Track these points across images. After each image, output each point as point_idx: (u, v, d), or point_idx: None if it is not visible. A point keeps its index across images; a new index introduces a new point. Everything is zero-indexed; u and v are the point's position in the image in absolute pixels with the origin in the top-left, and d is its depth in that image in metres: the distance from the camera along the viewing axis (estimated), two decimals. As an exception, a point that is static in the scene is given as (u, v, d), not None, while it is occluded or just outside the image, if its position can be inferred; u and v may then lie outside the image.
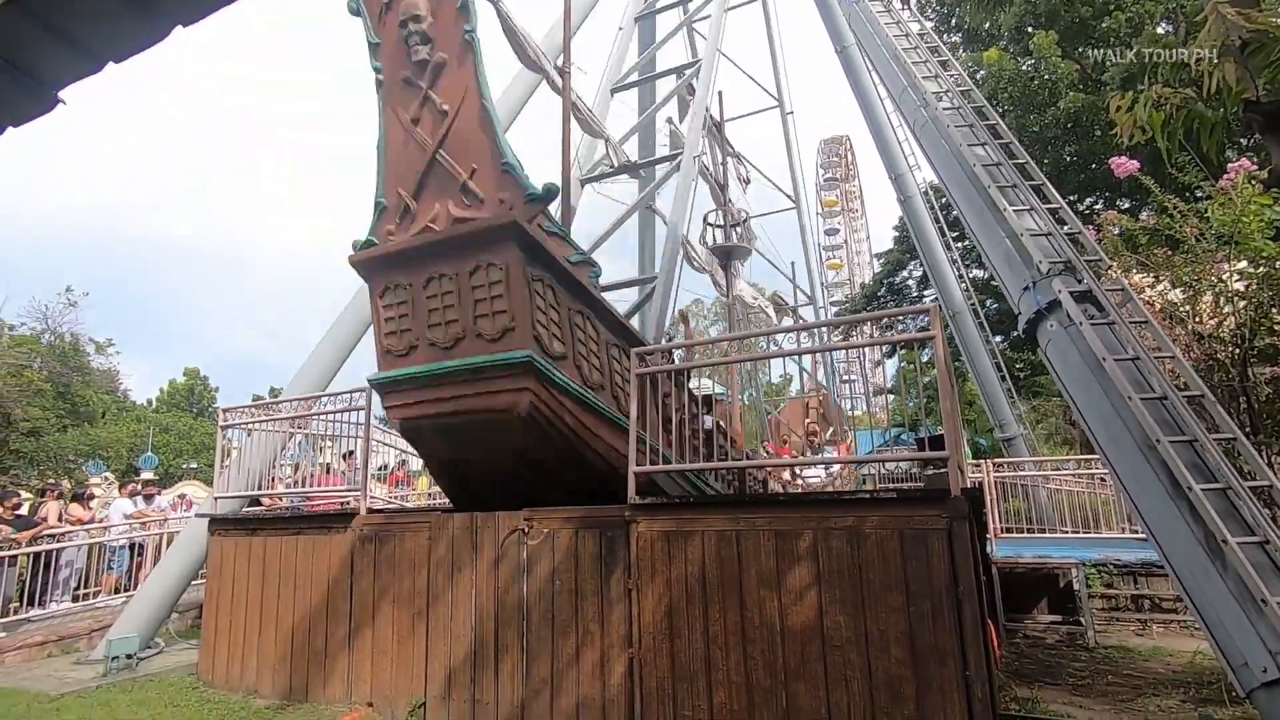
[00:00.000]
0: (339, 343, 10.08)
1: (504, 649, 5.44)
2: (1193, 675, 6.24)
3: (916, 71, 7.70)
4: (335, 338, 10.09)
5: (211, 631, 7.13)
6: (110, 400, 44.16)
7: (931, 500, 4.44)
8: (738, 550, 4.82)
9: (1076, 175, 18.39)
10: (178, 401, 57.68)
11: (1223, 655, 3.94)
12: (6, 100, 1.92)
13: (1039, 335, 5.55)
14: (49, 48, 1.79)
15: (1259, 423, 5.72)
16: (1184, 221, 6.21)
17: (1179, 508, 4.21)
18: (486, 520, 5.75)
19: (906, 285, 29.06)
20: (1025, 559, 8.84)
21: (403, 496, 13.60)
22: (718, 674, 4.72)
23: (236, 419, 8.02)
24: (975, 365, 16.83)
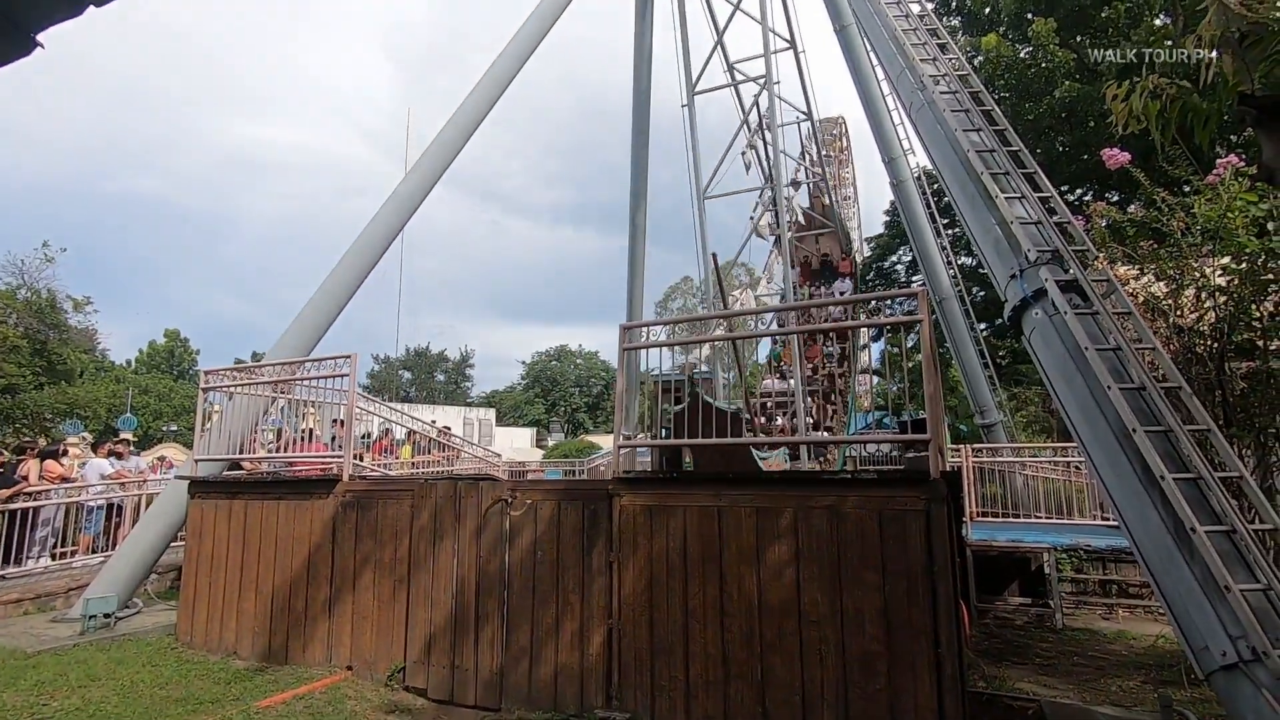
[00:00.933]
0: (324, 308, 9.98)
1: (484, 617, 5.49)
2: (1154, 658, 6.44)
3: (915, 54, 7.65)
4: (320, 303, 9.98)
5: (191, 593, 7.13)
6: (88, 359, 43.55)
7: (911, 482, 4.51)
8: (719, 526, 4.88)
9: (1068, 165, 18.45)
10: (158, 363, 57.03)
11: (1185, 639, 4.06)
12: (-17, 43, 1.85)
13: (1023, 323, 5.60)
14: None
15: (1232, 416, 5.83)
16: (1171, 215, 6.25)
17: (1151, 496, 4.31)
18: (470, 489, 5.76)
19: (895, 270, 29.19)
20: (999, 543, 9.02)
21: (386, 465, 13.59)
22: (695, 646, 4.80)
23: (218, 381, 7.94)
24: (959, 351, 17.00)
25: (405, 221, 11.24)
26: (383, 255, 10.83)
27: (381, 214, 10.88)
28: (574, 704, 5.03)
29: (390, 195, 11.11)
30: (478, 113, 12.17)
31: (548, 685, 5.16)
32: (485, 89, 12.30)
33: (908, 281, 27.87)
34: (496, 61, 12.60)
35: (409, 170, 11.55)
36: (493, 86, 12.40)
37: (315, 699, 5.34)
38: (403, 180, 11.39)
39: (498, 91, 12.49)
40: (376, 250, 10.70)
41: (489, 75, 12.41)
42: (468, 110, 12.04)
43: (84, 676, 5.85)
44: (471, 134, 12.09)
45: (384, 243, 10.83)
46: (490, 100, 12.38)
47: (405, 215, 11.20)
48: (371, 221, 10.78)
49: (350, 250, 10.48)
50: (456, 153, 11.85)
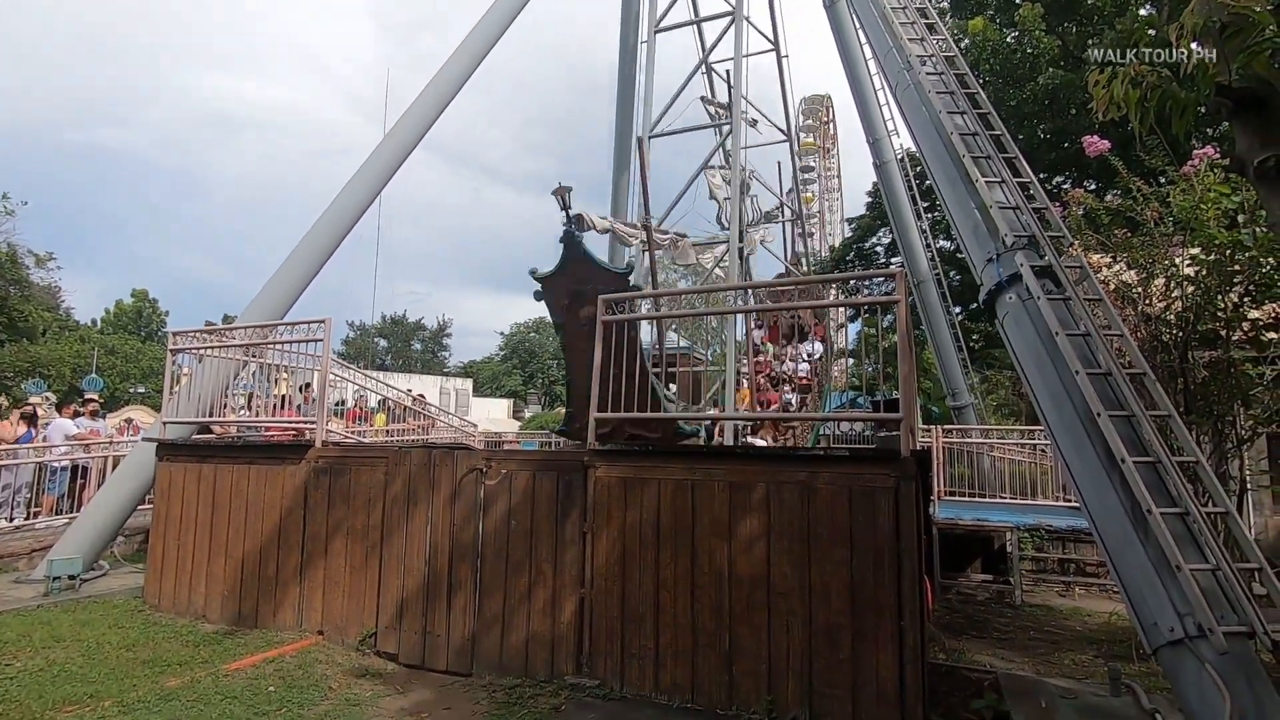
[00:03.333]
0: (298, 272, 9.80)
1: (457, 584, 5.52)
2: (1107, 634, 6.69)
3: (903, 33, 7.61)
4: (294, 267, 9.79)
5: (159, 556, 7.06)
6: (51, 318, 42.34)
7: (882, 459, 4.59)
8: (692, 499, 4.93)
9: (1049, 153, 18.59)
10: (125, 324, 55.67)
11: (1135, 616, 4.22)
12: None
13: (998, 307, 5.68)
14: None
15: (1193, 403, 6.01)
16: (1146, 205, 6.35)
17: (1111, 478, 4.44)
18: (445, 457, 5.75)
19: (875, 252, 29.35)
20: (965, 521, 9.25)
21: (360, 432, 13.49)
22: (665, 616, 4.87)
23: (187, 343, 7.78)
24: (934, 334, 17.24)
25: (383, 185, 11.02)
26: (359, 219, 10.63)
27: (358, 177, 10.65)
28: (544, 670, 5.10)
29: (367, 159, 10.87)
30: (458, 77, 11.90)
31: (519, 652, 5.22)
32: (467, 52, 12.02)
33: (887, 263, 28.07)
34: (479, 25, 12.29)
35: (387, 133, 11.29)
36: (475, 50, 12.11)
37: (285, 662, 5.35)
38: (380, 143, 11.13)
39: (480, 55, 12.20)
40: (353, 214, 10.49)
41: (471, 38, 12.12)
42: (448, 74, 11.76)
43: (48, 638, 5.79)
44: (451, 99, 11.82)
45: (361, 207, 10.62)
46: (471, 64, 12.09)
47: (383, 179, 10.97)
48: (348, 185, 10.55)
49: (326, 213, 10.26)
50: (436, 117, 11.59)
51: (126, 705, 4.46)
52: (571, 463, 5.36)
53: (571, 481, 5.32)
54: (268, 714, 4.41)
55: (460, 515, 5.60)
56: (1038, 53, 17.12)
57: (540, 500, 5.38)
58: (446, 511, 5.65)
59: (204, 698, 4.60)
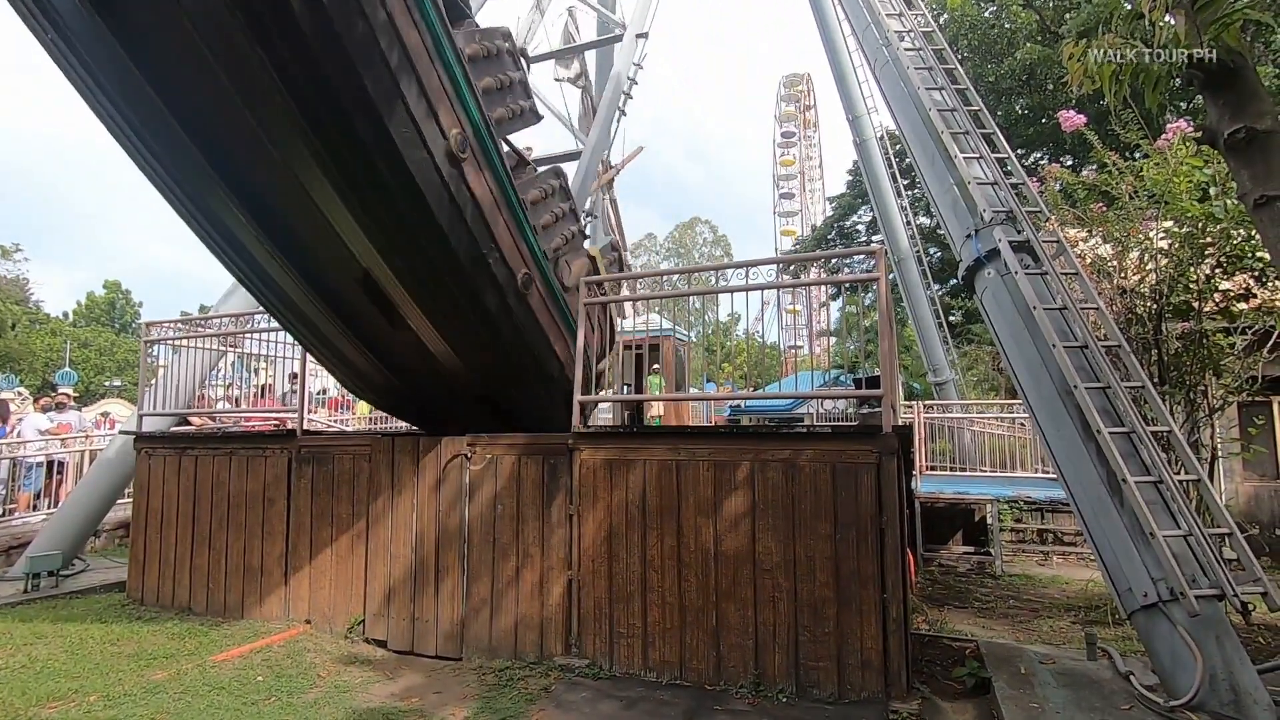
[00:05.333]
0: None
1: (444, 570, 5.52)
2: (1084, 601, 6.85)
3: (881, 9, 7.58)
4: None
5: (140, 549, 6.99)
6: (20, 311, 41.41)
7: (864, 436, 4.63)
8: (677, 479, 4.96)
9: (1026, 128, 18.70)
10: (97, 315, 54.56)
11: (1111, 582, 4.33)
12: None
13: (976, 282, 5.74)
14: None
15: (1166, 374, 6.13)
16: (1121, 179, 6.42)
17: (1088, 449, 4.53)
18: (428, 444, 5.72)
19: (856, 230, 29.46)
20: (946, 495, 9.40)
21: (343, 420, 13.40)
22: (653, 595, 4.92)
23: (162, 334, 7.65)
24: (915, 311, 17.38)
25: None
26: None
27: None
28: (534, 652, 5.14)
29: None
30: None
31: (508, 635, 5.25)
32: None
33: (867, 240, 28.20)
34: None
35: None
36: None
37: (273, 652, 5.34)
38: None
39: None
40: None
41: None
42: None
43: (30, 634, 5.72)
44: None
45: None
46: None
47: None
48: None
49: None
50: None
51: (112, 699, 4.43)
52: (556, 446, 5.36)
53: (556, 464, 5.32)
54: (256, 703, 4.40)
55: (446, 501, 5.59)
56: (1015, 28, 17.16)
57: (525, 484, 5.38)
58: (432, 498, 5.64)
59: (191, 689, 4.58)
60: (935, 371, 17.21)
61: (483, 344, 5.32)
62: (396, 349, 5.27)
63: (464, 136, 4.38)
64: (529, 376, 5.88)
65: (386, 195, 4.12)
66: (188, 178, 4.18)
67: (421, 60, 3.98)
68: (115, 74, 3.48)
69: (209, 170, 3.95)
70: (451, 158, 4.30)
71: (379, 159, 3.94)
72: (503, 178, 4.88)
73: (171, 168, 4.13)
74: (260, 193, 4.12)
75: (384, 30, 3.68)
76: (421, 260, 4.60)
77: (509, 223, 5.02)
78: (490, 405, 5.92)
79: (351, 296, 4.81)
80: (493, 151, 4.73)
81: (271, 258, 4.53)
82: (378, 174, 4.01)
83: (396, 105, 3.87)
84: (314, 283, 4.73)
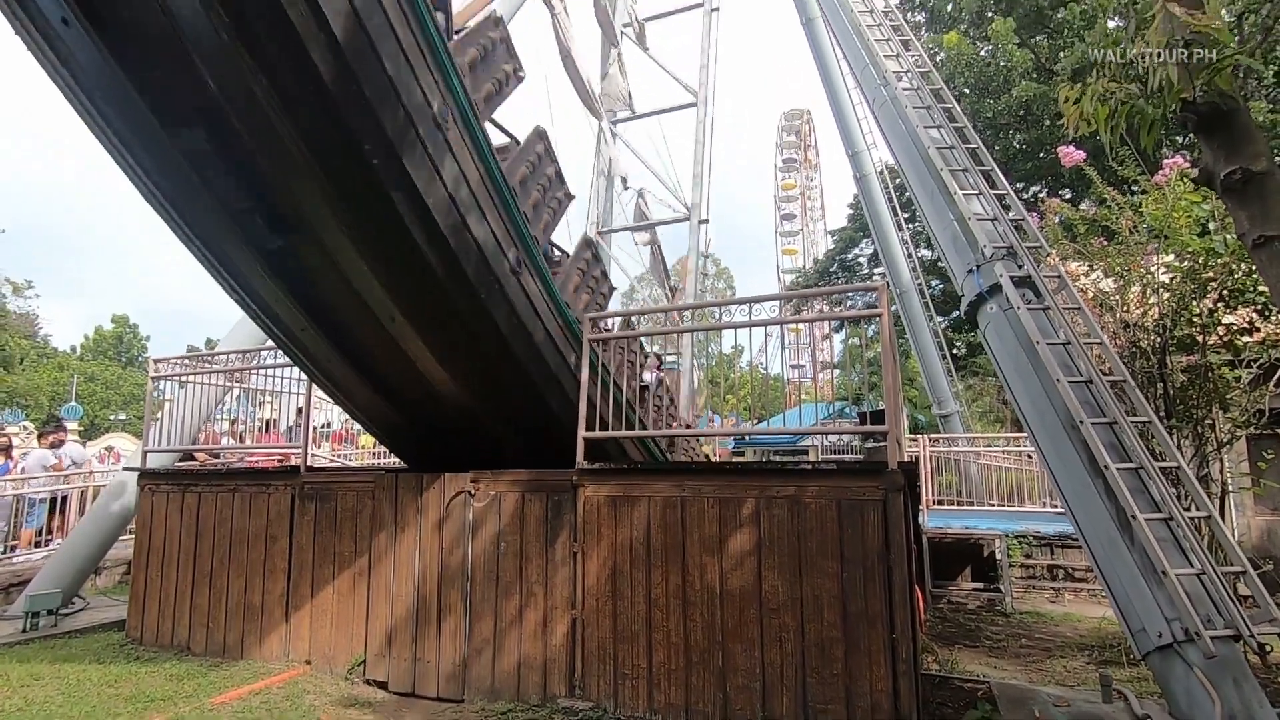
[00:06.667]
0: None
1: (447, 609, 5.45)
2: (1097, 639, 6.72)
3: (879, 50, 7.75)
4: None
5: (141, 588, 6.93)
6: (29, 345, 41.72)
7: (870, 472, 4.60)
8: (682, 516, 4.92)
9: (1024, 163, 18.93)
10: (105, 350, 54.90)
11: (1124, 621, 4.26)
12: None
13: (979, 317, 5.76)
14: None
15: (1172, 408, 6.10)
16: (1120, 214, 6.48)
17: (1095, 485, 4.49)
18: (431, 481, 5.70)
19: (858, 262, 29.65)
20: (953, 530, 9.29)
21: (346, 455, 13.38)
22: (658, 635, 4.84)
23: (169, 370, 7.70)
24: (918, 343, 17.38)
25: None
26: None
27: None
28: (537, 694, 5.04)
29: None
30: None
31: (511, 676, 5.16)
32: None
33: (869, 273, 28.37)
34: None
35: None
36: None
37: (272, 694, 5.25)
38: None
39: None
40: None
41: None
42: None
43: (26, 675, 5.65)
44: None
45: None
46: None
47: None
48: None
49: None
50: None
51: (108, 744, 4.35)
52: (560, 482, 5.33)
53: (560, 501, 5.29)
54: (254, 748, 4.31)
55: (448, 538, 5.55)
56: (1011, 66, 17.48)
57: (529, 521, 5.34)
58: (434, 535, 5.60)
59: (188, 733, 4.49)
60: (940, 404, 17.14)
61: (493, 381, 5.38)
62: (405, 386, 5.31)
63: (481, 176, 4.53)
64: (537, 411, 5.90)
65: (399, 233, 4.19)
66: (201, 220, 4.27)
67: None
68: (136, 124, 3.58)
69: (222, 213, 4.03)
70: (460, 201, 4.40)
71: (396, 196, 4.03)
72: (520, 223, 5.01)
73: (186, 211, 4.22)
74: (281, 245, 4.19)
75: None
76: (432, 301, 4.68)
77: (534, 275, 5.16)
78: (493, 440, 5.91)
79: (364, 338, 4.88)
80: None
81: (286, 303, 4.60)
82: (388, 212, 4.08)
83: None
84: (322, 321, 4.78)
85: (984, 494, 12.28)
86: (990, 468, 12.69)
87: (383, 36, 3.64)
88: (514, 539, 5.35)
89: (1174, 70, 2.40)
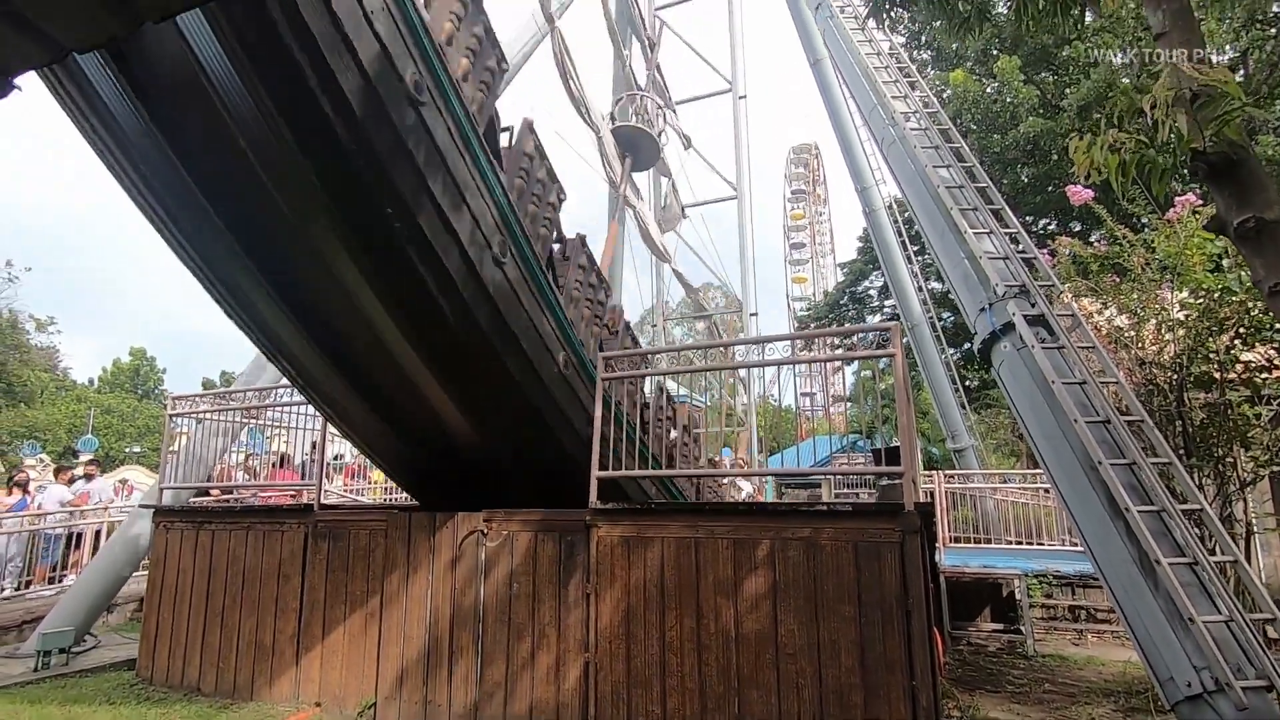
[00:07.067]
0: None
1: (458, 651, 5.40)
2: (1123, 685, 6.53)
3: (886, 90, 7.88)
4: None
5: (152, 626, 6.91)
6: (49, 379, 42.31)
7: (886, 514, 4.56)
8: (696, 557, 4.88)
9: (1033, 197, 18.99)
10: (122, 382, 55.53)
11: (1151, 669, 4.15)
12: (-40, 85, 1.85)
13: (993, 355, 5.74)
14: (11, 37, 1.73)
15: (1193, 447, 6.02)
16: (1132, 251, 6.48)
17: (1116, 526, 4.42)
18: (444, 520, 5.69)
19: (868, 295, 29.64)
20: (971, 569, 9.12)
21: (357, 490, 13.38)
22: (672, 679, 4.77)
23: (185, 408, 7.78)
24: (930, 376, 17.28)
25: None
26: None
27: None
28: (549, 740, 4.96)
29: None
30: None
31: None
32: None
33: (880, 305, 28.35)
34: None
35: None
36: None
37: (282, 738, 5.19)
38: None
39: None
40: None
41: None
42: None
43: (36, 717, 5.61)
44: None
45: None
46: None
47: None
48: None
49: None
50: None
51: (117, 790, 4.30)
52: (573, 522, 5.31)
53: (574, 541, 5.26)
54: (264, 795, 4.25)
55: (461, 579, 5.52)
56: (1017, 102, 17.67)
57: (542, 561, 5.31)
58: (447, 575, 5.57)
59: (198, 779, 4.44)
60: (954, 438, 16.95)
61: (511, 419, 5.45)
62: (417, 423, 5.37)
63: (505, 242, 4.66)
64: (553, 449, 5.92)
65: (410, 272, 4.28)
66: (218, 259, 4.38)
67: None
68: (162, 170, 3.70)
69: (240, 254, 4.15)
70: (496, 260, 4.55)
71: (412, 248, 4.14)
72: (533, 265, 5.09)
73: (202, 250, 4.34)
74: (294, 281, 4.30)
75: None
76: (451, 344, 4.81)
77: (543, 307, 5.22)
78: (503, 472, 5.93)
79: (382, 378, 4.98)
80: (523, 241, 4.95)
81: (301, 338, 4.69)
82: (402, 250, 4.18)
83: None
84: (340, 360, 4.87)
85: (1001, 530, 12.06)
86: (1007, 503, 12.50)
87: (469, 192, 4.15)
88: (526, 580, 5.31)
89: (1183, 121, 2.43)
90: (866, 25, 8.86)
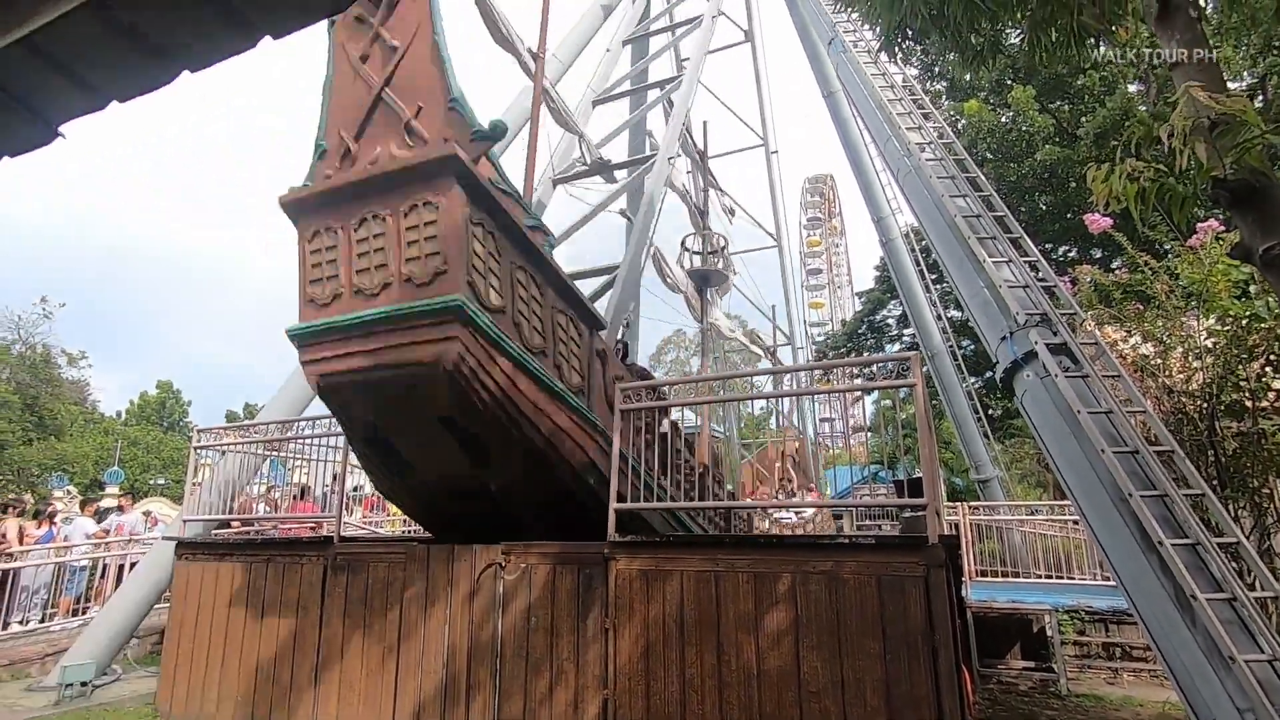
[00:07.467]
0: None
1: (476, 686, 5.33)
2: (1162, 727, 6.28)
3: (900, 122, 7.94)
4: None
5: (172, 660, 6.91)
6: (78, 411, 43.14)
7: (909, 547, 4.47)
8: (716, 591, 4.80)
9: (1052, 224, 18.91)
10: (148, 414, 56.39)
11: (1191, 710, 3.98)
12: (7, 133, 1.93)
13: (1015, 385, 5.66)
14: (56, 86, 1.81)
15: (1226, 477, 5.85)
16: (1155, 278, 6.40)
17: (1149, 560, 4.29)
18: (463, 553, 5.67)
19: (886, 324, 29.48)
20: (999, 604, 8.88)
21: (376, 523, 13.39)
22: (692, 718, 4.66)
23: (210, 441, 7.89)
24: (952, 405, 17.07)
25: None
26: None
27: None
28: (567, 780, 4.85)
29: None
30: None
31: (540, 759, 4.98)
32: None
33: (899, 334, 28.17)
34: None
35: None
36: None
37: (298, 775, 5.13)
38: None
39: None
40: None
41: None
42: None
43: (57, 751, 5.62)
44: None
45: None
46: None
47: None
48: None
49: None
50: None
51: (134, 827, 4.27)
52: (591, 555, 5.27)
53: (592, 574, 5.21)
54: (279, 835, 4.19)
55: (479, 612, 5.48)
56: (1033, 130, 17.71)
57: (560, 595, 5.26)
58: (465, 609, 5.53)
59: (214, 817, 4.39)
60: (978, 468, 16.65)
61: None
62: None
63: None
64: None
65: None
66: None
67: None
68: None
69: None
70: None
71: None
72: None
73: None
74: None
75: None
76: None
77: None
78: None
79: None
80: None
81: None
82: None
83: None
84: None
85: (1030, 563, 11.76)
86: (1035, 535, 12.20)
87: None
88: (544, 614, 5.26)
89: (1202, 150, 2.42)
90: (879, 59, 8.97)
